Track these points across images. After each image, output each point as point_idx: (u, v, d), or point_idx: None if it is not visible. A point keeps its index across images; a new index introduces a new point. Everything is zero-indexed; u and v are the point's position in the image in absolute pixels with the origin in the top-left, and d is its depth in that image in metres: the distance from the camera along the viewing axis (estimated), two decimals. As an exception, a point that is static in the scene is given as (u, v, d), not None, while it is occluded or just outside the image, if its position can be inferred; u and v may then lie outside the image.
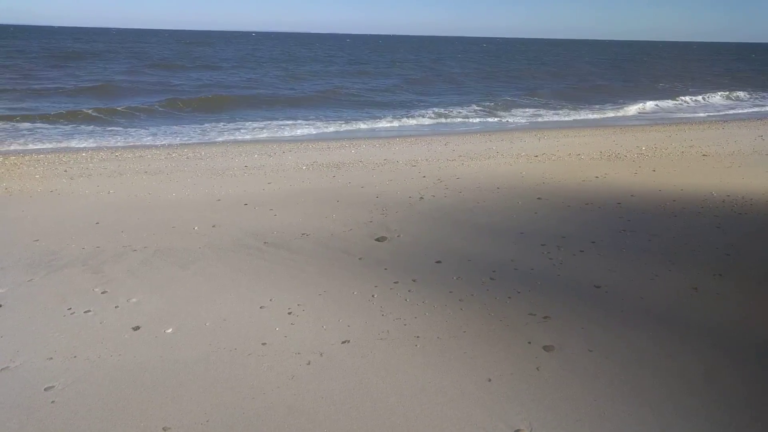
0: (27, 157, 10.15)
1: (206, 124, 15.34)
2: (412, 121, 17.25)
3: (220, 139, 13.28)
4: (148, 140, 12.95)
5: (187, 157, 10.17)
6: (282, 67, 38.12)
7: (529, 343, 3.33)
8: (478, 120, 18.04)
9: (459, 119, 18.10)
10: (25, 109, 16.59)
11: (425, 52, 73.23)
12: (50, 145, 11.93)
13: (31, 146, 11.74)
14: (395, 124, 16.70)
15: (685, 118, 18.69)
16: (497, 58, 62.53)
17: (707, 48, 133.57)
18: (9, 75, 25.58)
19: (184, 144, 12.51)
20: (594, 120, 18.29)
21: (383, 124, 16.63)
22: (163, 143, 12.42)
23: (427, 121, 17.41)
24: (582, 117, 19.08)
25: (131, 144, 12.41)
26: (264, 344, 3.33)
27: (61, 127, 14.32)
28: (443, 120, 17.83)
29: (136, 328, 3.53)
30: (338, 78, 31.58)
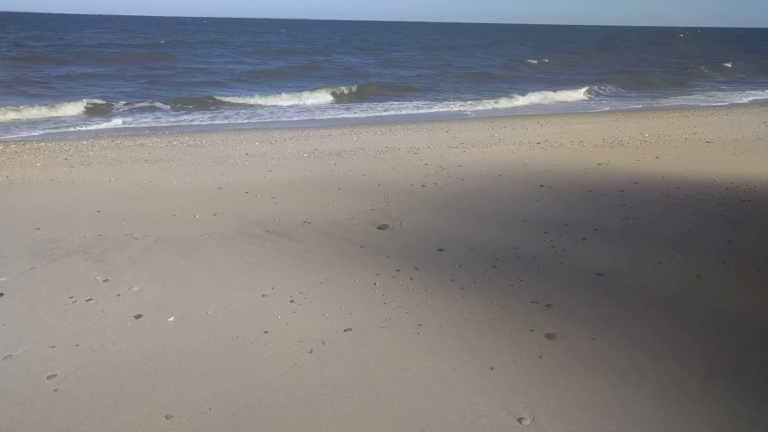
0: (28, 146, 10.12)
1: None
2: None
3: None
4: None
5: (188, 145, 10.13)
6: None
7: (532, 330, 3.33)
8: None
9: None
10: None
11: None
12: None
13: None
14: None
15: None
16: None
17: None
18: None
19: (185, 132, 12.48)
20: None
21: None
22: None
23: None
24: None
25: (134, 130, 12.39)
26: (266, 332, 3.33)
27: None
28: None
29: (138, 317, 3.53)
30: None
